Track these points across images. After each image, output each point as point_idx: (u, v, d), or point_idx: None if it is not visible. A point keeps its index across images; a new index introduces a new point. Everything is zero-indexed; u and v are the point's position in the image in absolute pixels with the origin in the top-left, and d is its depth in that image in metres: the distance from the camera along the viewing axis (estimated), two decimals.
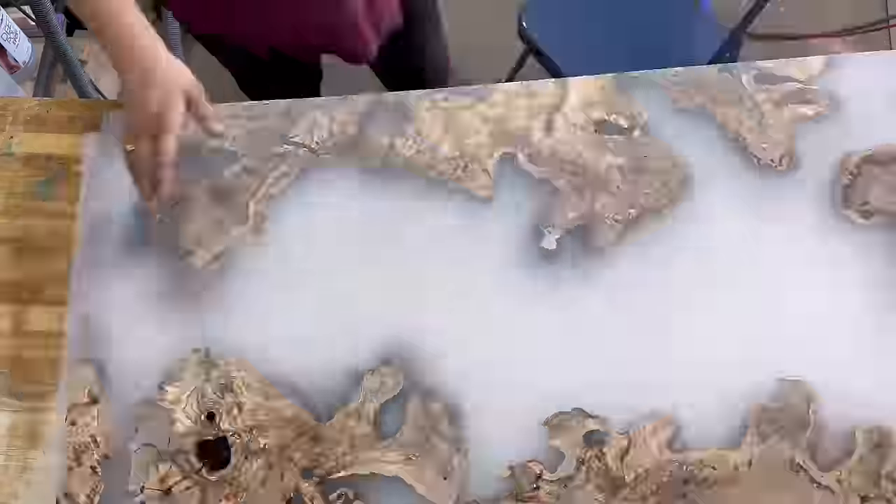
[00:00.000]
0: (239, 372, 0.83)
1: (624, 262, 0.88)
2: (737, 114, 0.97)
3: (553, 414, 0.80)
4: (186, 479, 0.78)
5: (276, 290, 0.87)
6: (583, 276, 0.87)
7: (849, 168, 0.94)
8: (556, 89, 1.00)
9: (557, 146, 0.96)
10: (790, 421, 0.79)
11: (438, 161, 0.95)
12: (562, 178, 0.94)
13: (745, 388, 0.81)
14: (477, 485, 0.77)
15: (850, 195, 0.92)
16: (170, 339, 0.84)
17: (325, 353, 0.84)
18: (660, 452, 0.78)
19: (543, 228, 0.91)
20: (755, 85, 0.99)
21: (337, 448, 0.79)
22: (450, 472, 0.78)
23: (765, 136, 0.95)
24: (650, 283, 0.87)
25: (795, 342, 0.83)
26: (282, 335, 0.85)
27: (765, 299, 0.86)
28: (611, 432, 0.79)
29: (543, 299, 0.86)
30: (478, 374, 0.82)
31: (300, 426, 0.80)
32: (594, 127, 0.97)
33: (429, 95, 0.99)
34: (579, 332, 0.84)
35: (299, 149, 0.96)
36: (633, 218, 0.91)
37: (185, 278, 0.88)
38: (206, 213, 0.91)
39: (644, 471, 0.78)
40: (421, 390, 0.82)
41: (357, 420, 0.80)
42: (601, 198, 0.92)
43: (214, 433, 0.80)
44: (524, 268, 0.88)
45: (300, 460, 0.79)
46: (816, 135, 0.96)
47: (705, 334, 0.84)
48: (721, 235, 0.89)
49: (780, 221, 0.90)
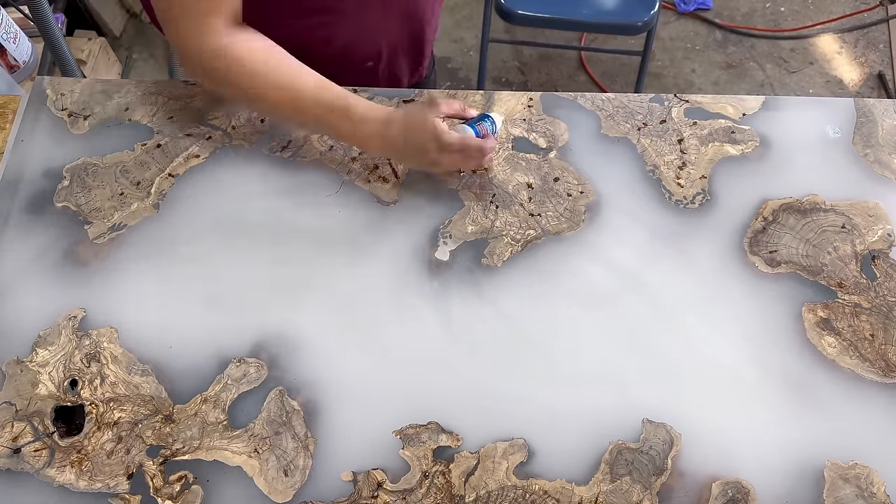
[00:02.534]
0: (109, 344, 0.83)
1: (513, 282, 0.87)
2: (658, 146, 0.95)
3: (408, 425, 0.79)
4: (37, 440, 0.79)
5: (161, 269, 0.88)
6: (469, 291, 0.86)
7: (764, 213, 0.91)
8: (482, 101, 0.99)
9: None
10: (646, 464, 0.77)
11: (350, 159, 0.95)
12: (469, 190, 0.93)
13: (608, 425, 0.79)
14: (317, 486, 0.77)
15: (761, 240, 0.89)
16: (52, 303, 0.86)
17: (197, 337, 0.84)
18: (506, 477, 0.77)
19: (441, 238, 0.90)
20: (684, 118, 0.97)
21: (186, 431, 0.79)
22: (292, 470, 0.77)
23: (683, 171, 0.93)
24: (534, 307, 0.85)
25: (668, 385, 0.81)
26: (158, 314, 0.85)
27: (646, 338, 0.84)
28: (462, 449, 0.78)
29: (424, 310, 0.85)
30: (342, 377, 0.81)
31: (156, 405, 0.80)
32: (511, 143, 0.96)
33: (354, 92, 0.99)
34: (453, 347, 0.83)
35: (215, 131, 0.96)
36: (531, 239, 0.89)
37: (78, 245, 0.89)
38: (112, 184, 0.93)
39: (486, 493, 0.76)
40: (282, 386, 0.81)
41: (213, 406, 0.80)
42: (504, 215, 0.91)
43: (73, 400, 0.81)
44: (412, 276, 0.87)
45: (149, 438, 0.79)
46: (737, 175, 0.93)
47: (578, 365, 0.82)
48: (615, 267, 0.87)
49: (680, 260, 0.88)
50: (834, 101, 0.99)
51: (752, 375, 0.81)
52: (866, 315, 0.84)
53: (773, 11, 2.44)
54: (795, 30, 2.36)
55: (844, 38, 2.36)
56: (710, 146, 0.95)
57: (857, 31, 2.37)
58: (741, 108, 0.98)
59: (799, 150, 0.95)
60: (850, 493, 0.75)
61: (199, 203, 0.91)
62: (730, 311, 0.84)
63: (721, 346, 0.83)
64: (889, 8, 2.32)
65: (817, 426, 0.78)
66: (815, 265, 0.87)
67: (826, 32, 2.38)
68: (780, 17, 2.42)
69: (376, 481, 0.76)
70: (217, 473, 0.77)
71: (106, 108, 0.98)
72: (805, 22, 2.38)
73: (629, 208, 0.91)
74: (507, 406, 0.80)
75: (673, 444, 0.78)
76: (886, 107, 0.97)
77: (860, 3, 2.43)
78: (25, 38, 1.75)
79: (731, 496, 0.75)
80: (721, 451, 0.78)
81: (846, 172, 0.93)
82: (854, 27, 2.38)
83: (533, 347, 0.83)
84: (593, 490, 0.76)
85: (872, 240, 0.88)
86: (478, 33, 2.23)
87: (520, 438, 0.78)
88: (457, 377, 0.81)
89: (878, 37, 2.35)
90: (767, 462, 0.77)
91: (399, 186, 0.93)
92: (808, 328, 0.83)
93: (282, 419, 0.79)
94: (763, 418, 0.79)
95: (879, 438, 0.78)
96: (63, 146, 0.95)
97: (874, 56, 2.29)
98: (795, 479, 0.76)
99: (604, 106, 0.99)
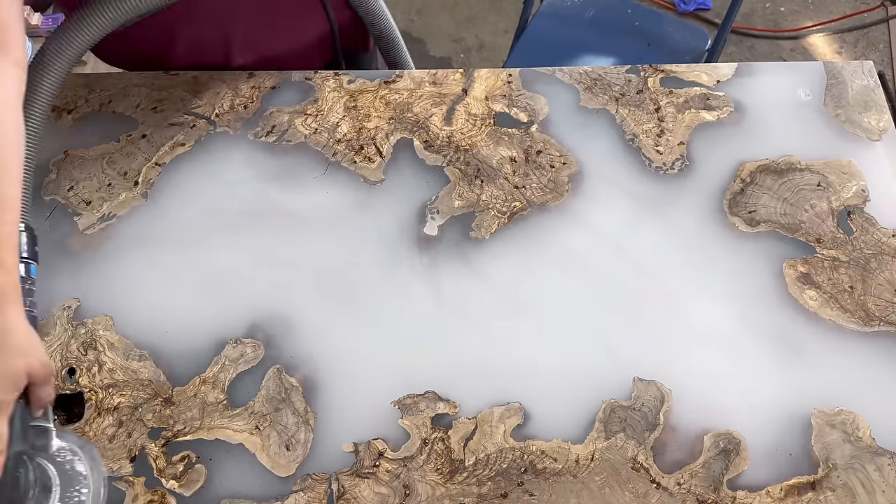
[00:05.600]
0: (105, 332, 0.84)
1: (501, 252, 0.88)
2: (636, 115, 0.97)
3: (406, 395, 0.81)
4: None
5: (153, 256, 0.88)
6: (459, 264, 0.88)
7: (742, 175, 0.93)
8: (462, 79, 1.01)
9: (454, 135, 0.96)
10: (639, 421, 0.79)
11: (335, 141, 0.96)
12: (454, 166, 0.94)
13: (600, 385, 0.81)
14: (319, 458, 0.78)
15: (740, 202, 0.91)
16: (46, 295, 0.86)
17: (193, 320, 0.85)
18: (504, 440, 0.78)
19: (428, 214, 0.91)
20: (660, 88, 0.99)
21: (187, 412, 0.80)
22: (294, 444, 0.79)
23: (661, 139, 0.95)
24: (523, 276, 0.87)
25: (657, 344, 0.83)
26: (153, 301, 0.86)
27: (633, 301, 0.86)
28: (459, 416, 0.80)
29: (416, 284, 0.87)
30: (339, 353, 0.83)
31: (155, 388, 0.81)
32: (493, 119, 0.98)
33: (335, 76, 1.01)
34: (445, 318, 0.85)
35: (199, 120, 0.97)
36: (517, 210, 0.91)
37: (69, 237, 0.89)
38: (99, 175, 0.93)
39: (485, 456, 0.78)
40: (279, 364, 0.82)
41: (211, 387, 0.81)
42: (489, 189, 0.93)
43: (72, 388, 0.81)
44: (403, 252, 0.89)
45: (150, 421, 0.80)
46: (714, 141, 0.95)
47: (568, 329, 0.84)
48: (600, 234, 0.89)
49: (662, 224, 0.90)
50: (804, 64, 1.01)
51: (738, 331, 0.83)
52: (845, 268, 0.87)
53: (773, 11, 2.44)
54: (795, 30, 2.36)
55: (844, 38, 2.37)
56: (686, 113, 0.97)
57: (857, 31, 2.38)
58: (715, 76, 1.00)
59: (773, 114, 0.97)
60: (837, 438, 0.78)
61: (187, 190, 0.92)
62: (713, 270, 0.87)
63: (706, 305, 0.85)
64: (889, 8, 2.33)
65: (802, 376, 0.81)
66: (793, 223, 0.89)
67: (826, 32, 2.38)
68: (780, 17, 2.43)
69: (377, 451, 0.78)
70: (219, 452, 0.78)
71: (89, 101, 0.98)
72: (805, 22, 2.38)
73: (611, 177, 0.93)
74: (502, 372, 0.81)
75: (664, 401, 0.80)
76: (855, 68, 1.00)
77: (860, 3, 2.43)
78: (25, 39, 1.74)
79: (722, 447, 0.77)
80: (711, 404, 0.80)
81: (819, 133, 0.96)
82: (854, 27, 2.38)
83: (523, 315, 0.85)
84: (589, 448, 0.78)
85: (847, 196, 0.91)
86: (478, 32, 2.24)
87: (515, 402, 0.80)
88: (451, 347, 0.83)
89: (878, 37, 2.36)
90: (756, 413, 0.79)
91: (385, 166, 0.94)
92: (789, 283, 0.86)
93: (281, 396, 0.80)
94: (750, 371, 0.81)
95: (862, 385, 0.81)
96: (48, 140, 0.95)
97: (874, 56, 2.30)
98: (784, 428, 0.78)
99: (582, 79, 1.01)
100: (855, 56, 2.32)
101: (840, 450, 0.77)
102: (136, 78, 1.00)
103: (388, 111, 0.98)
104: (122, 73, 1.01)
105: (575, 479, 0.76)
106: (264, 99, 0.99)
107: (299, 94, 0.99)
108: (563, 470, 0.77)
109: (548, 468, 0.77)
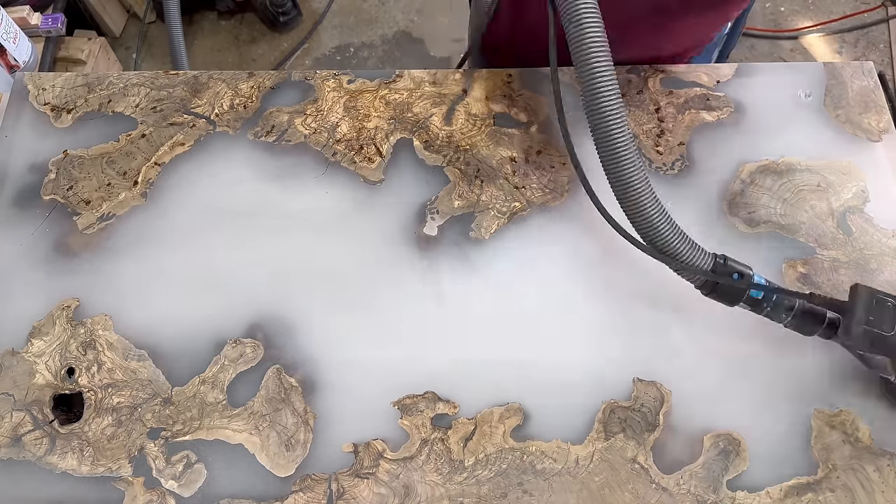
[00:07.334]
0: (104, 332, 0.84)
1: (501, 252, 0.88)
2: (636, 116, 0.97)
3: (405, 395, 0.81)
4: (38, 429, 0.79)
5: (153, 256, 0.88)
6: (459, 264, 0.88)
7: (742, 176, 0.93)
8: (462, 79, 1.00)
9: (454, 135, 0.96)
10: (638, 421, 0.79)
11: (335, 141, 0.96)
12: (453, 166, 0.94)
13: (600, 386, 0.81)
14: (319, 458, 0.78)
15: (740, 202, 0.91)
16: (45, 294, 0.86)
17: (192, 321, 0.85)
18: (503, 440, 0.78)
19: (428, 214, 0.91)
20: (660, 88, 0.99)
21: (186, 412, 0.80)
22: (293, 444, 0.78)
23: (661, 139, 0.95)
24: (522, 276, 0.87)
25: (657, 344, 0.83)
26: (152, 301, 0.86)
27: (633, 301, 0.86)
28: (459, 416, 0.80)
29: (416, 284, 0.87)
30: (339, 353, 0.83)
31: (154, 388, 0.81)
32: (493, 119, 0.97)
33: (335, 76, 1.00)
34: (445, 318, 0.85)
35: (198, 119, 0.97)
36: (517, 210, 0.91)
37: (68, 236, 0.89)
38: (98, 175, 0.93)
39: (485, 457, 0.78)
40: (279, 364, 0.82)
41: (211, 387, 0.81)
42: (489, 189, 0.93)
43: (72, 388, 0.81)
44: (403, 252, 0.88)
45: (149, 421, 0.80)
46: (714, 141, 0.95)
47: (568, 330, 0.84)
48: (600, 235, 0.89)
49: None
50: (804, 65, 1.01)
51: (738, 331, 0.83)
52: (844, 269, 0.87)
53: (773, 11, 2.43)
54: (795, 30, 2.35)
55: (844, 38, 2.37)
56: (686, 114, 0.97)
57: (857, 31, 2.38)
58: (715, 76, 1.00)
59: (773, 114, 0.97)
60: (836, 438, 0.78)
61: (186, 190, 0.92)
62: None
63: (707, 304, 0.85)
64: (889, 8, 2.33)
65: (802, 376, 0.81)
66: (793, 223, 0.89)
67: (826, 32, 2.38)
68: (780, 17, 2.43)
69: (377, 451, 0.78)
70: (219, 452, 0.78)
71: (88, 101, 0.98)
72: (805, 22, 2.38)
73: None
74: (501, 372, 0.81)
75: (664, 401, 0.80)
76: (855, 68, 1.00)
77: (860, 3, 2.43)
78: (25, 38, 1.74)
79: (722, 448, 0.77)
80: (711, 405, 0.80)
81: (819, 133, 0.95)
82: (854, 27, 2.38)
83: (523, 315, 0.84)
84: (588, 448, 0.78)
85: (847, 196, 0.91)
86: None
87: (515, 403, 0.80)
88: (450, 347, 0.83)
89: (878, 37, 2.36)
90: (756, 414, 0.79)
91: (384, 166, 0.94)
92: (789, 284, 0.86)
93: (280, 396, 0.80)
94: (751, 372, 0.81)
95: (862, 386, 0.80)
96: (48, 140, 0.95)
97: (874, 56, 2.30)
98: (784, 429, 0.78)
99: None
100: (855, 56, 2.31)
101: (840, 451, 0.77)
102: (135, 78, 1.00)
103: (388, 111, 0.98)
104: (121, 73, 1.01)
105: (574, 479, 0.76)
106: (264, 99, 0.99)
107: (299, 93, 0.99)
108: (562, 470, 0.77)
109: (547, 468, 0.77)
